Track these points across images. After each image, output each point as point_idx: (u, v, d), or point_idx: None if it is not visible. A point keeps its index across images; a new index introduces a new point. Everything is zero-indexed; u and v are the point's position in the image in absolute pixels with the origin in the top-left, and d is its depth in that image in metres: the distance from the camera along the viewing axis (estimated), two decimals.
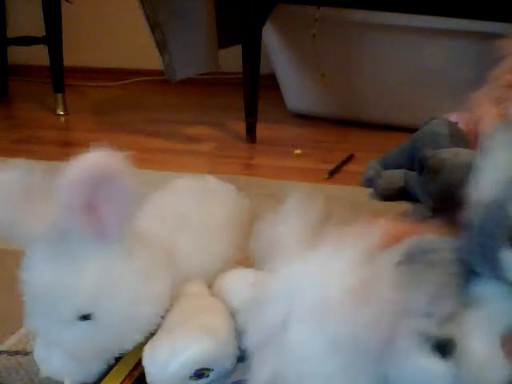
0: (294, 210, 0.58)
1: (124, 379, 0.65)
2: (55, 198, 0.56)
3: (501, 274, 0.54)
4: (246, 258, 0.76)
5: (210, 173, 0.81)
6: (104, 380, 0.65)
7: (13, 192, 0.57)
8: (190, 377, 0.62)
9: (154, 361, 0.61)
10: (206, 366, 0.62)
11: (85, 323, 0.59)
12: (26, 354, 0.72)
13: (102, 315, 0.59)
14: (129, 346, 0.62)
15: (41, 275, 0.59)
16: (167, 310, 0.65)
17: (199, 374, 0.62)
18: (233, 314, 0.68)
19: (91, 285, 0.58)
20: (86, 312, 0.59)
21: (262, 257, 0.59)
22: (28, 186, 0.58)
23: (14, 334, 0.77)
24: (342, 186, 1.34)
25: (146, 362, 0.62)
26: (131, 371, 0.66)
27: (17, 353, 0.73)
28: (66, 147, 1.80)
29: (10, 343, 0.75)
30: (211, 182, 0.80)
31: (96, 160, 0.55)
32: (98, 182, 0.54)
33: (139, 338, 0.62)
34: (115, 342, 0.62)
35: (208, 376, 0.63)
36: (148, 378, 0.62)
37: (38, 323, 0.61)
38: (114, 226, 0.58)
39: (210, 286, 0.71)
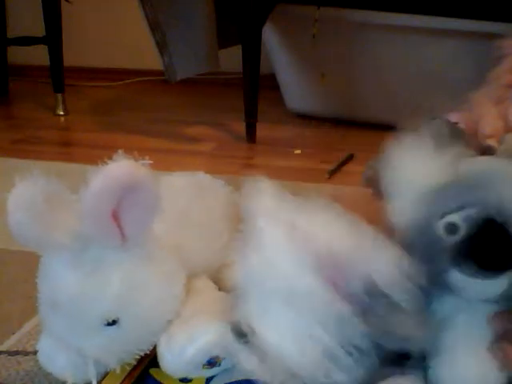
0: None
1: (124, 379, 0.65)
2: (78, 207, 0.57)
3: (457, 293, 0.52)
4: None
5: (210, 173, 0.81)
6: (104, 380, 0.65)
7: (37, 203, 0.57)
8: (204, 365, 0.63)
9: (171, 348, 0.62)
10: (220, 354, 0.63)
11: (110, 328, 0.60)
12: (26, 354, 0.72)
13: (127, 319, 0.60)
14: (149, 346, 0.63)
15: (65, 284, 0.59)
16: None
17: (212, 362, 0.63)
18: None
19: (117, 291, 0.59)
20: (112, 318, 0.59)
21: None
22: (49, 195, 0.59)
23: (14, 333, 0.77)
24: (342, 186, 1.34)
25: (161, 350, 0.63)
26: (131, 371, 0.66)
27: (17, 353, 0.73)
28: (65, 147, 1.80)
29: (9, 343, 0.75)
30: (203, 178, 0.81)
31: (122, 170, 0.55)
32: (123, 191, 0.55)
33: (159, 338, 0.63)
34: (138, 343, 0.63)
35: (220, 365, 0.64)
36: (163, 366, 0.63)
37: (60, 331, 0.61)
38: (137, 232, 0.59)
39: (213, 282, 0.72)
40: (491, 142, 0.65)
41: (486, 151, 0.61)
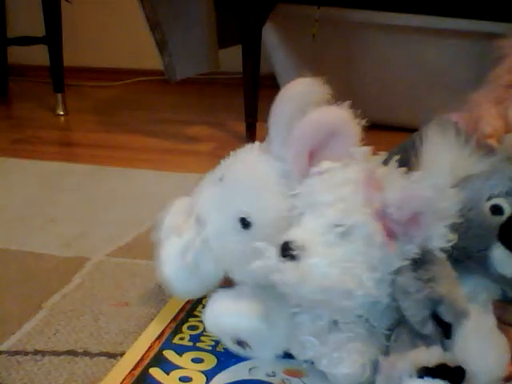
0: None
1: (124, 379, 0.65)
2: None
3: (490, 270, 0.56)
4: None
5: None
6: (105, 380, 0.65)
7: None
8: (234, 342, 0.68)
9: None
10: (243, 339, 0.67)
11: None
12: (26, 354, 0.72)
13: None
14: None
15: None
16: None
17: (241, 343, 0.67)
18: None
19: None
20: None
21: None
22: None
23: (13, 334, 0.77)
24: None
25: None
26: (131, 371, 0.66)
27: (17, 353, 0.73)
28: (66, 147, 1.80)
29: (10, 343, 0.75)
30: None
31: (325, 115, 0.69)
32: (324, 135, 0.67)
33: None
34: None
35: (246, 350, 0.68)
36: None
37: None
38: None
39: None
40: (491, 142, 0.65)
41: (486, 151, 0.62)
